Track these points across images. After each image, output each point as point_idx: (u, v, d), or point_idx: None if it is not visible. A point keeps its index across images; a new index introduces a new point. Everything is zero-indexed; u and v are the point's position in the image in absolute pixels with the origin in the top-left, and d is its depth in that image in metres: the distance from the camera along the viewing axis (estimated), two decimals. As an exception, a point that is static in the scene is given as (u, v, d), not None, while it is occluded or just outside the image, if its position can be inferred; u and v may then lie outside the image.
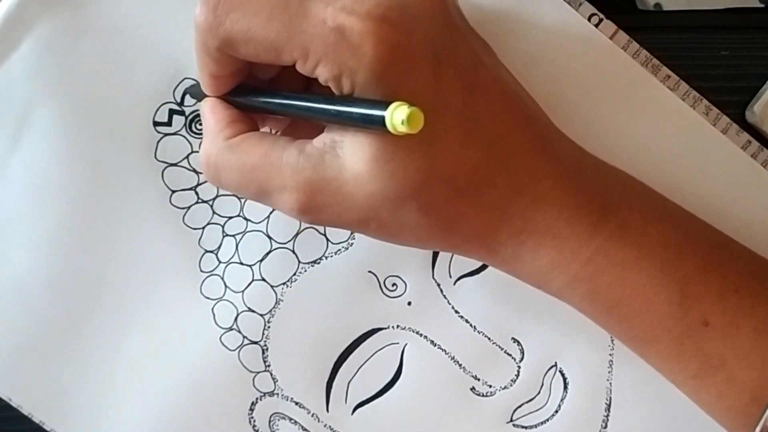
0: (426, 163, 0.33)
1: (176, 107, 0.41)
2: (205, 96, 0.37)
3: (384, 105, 0.29)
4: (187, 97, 0.41)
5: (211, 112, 0.36)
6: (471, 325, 0.42)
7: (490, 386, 0.42)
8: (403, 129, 0.29)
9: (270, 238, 0.42)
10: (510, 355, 0.42)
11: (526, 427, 0.43)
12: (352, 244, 0.42)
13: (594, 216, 0.35)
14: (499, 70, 0.36)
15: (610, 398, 0.42)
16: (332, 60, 0.32)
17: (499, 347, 0.42)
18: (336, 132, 0.33)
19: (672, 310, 0.35)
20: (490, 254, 0.36)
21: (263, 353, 0.43)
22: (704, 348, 0.35)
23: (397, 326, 0.42)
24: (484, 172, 0.34)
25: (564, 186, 0.35)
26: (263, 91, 0.36)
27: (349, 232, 0.42)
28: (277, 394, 0.43)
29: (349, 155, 0.32)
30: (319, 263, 0.42)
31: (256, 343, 0.42)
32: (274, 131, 0.39)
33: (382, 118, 0.29)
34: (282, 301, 0.42)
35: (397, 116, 0.29)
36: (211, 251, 0.42)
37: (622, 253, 0.35)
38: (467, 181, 0.34)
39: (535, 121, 0.36)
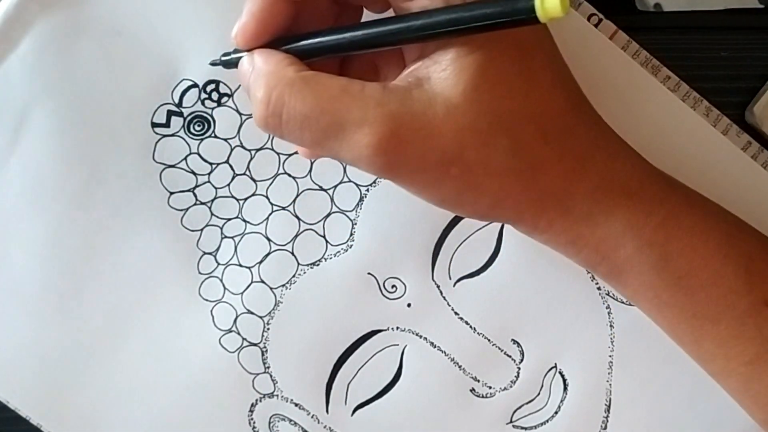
0: (520, 99, 0.32)
1: (174, 108, 0.41)
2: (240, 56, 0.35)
3: None
4: (185, 98, 0.41)
5: (268, 54, 0.34)
6: (471, 326, 0.42)
7: (490, 387, 0.42)
8: (556, 11, 0.27)
9: (269, 239, 0.42)
10: (510, 356, 0.42)
11: (525, 428, 0.42)
12: (351, 245, 0.42)
13: (662, 182, 0.35)
14: None
15: (610, 399, 0.42)
16: None
17: (499, 349, 0.42)
18: (420, 70, 0.32)
19: (738, 285, 0.35)
20: (565, 213, 0.34)
21: (263, 355, 0.42)
22: (763, 330, 0.35)
23: (397, 328, 0.42)
24: (568, 118, 0.34)
25: (632, 149, 0.36)
26: (336, 30, 0.33)
27: (348, 233, 0.42)
28: (277, 395, 0.43)
29: (442, 87, 0.32)
30: (318, 265, 0.42)
31: (255, 344, 0.42)
32: None
33: (532, 5, 0.28)
34: (281, 302, 0.42)
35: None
36: (210, 253, 0.42)
37: (691, 220, 0.35)
38: (553, 125, 0.33)
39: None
